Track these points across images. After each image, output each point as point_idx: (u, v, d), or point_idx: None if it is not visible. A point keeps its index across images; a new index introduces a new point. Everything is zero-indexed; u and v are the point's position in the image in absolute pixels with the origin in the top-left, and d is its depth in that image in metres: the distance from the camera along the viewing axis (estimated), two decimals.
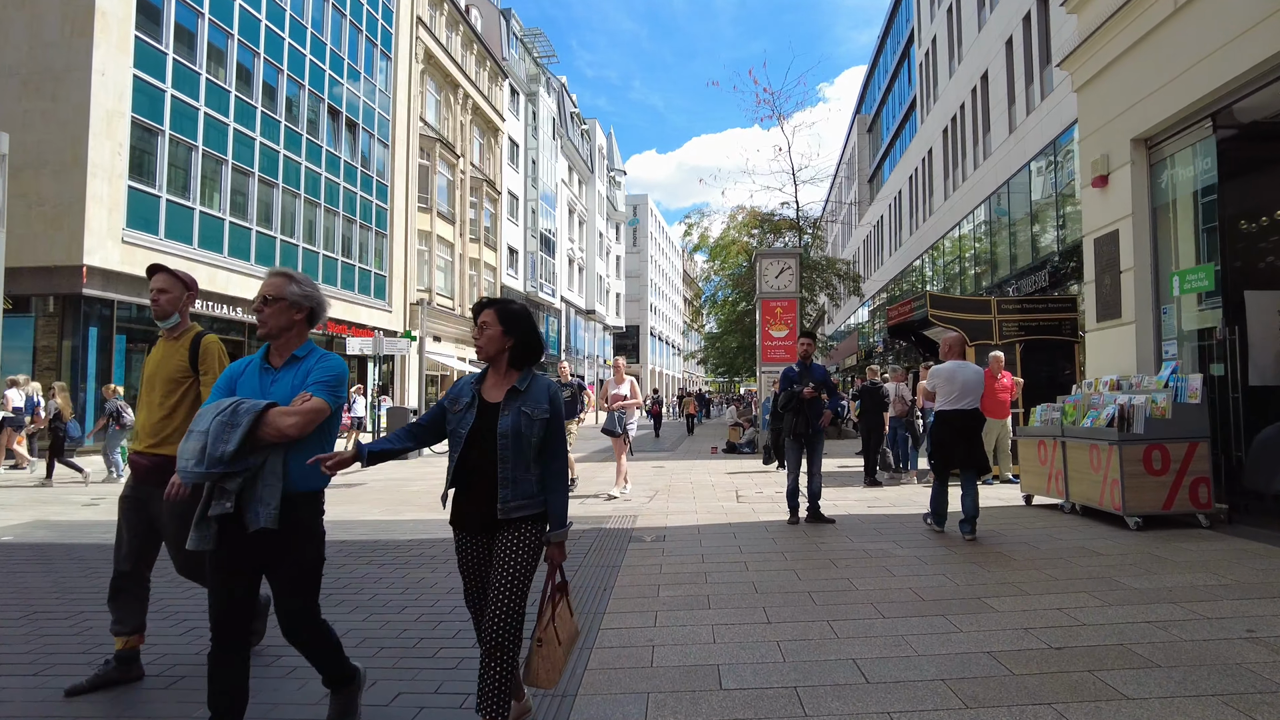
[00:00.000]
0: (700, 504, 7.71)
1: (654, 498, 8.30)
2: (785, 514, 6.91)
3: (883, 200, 38.40)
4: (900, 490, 8.66)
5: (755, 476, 10.57)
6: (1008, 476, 9.12)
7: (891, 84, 39.53)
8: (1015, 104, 20.56)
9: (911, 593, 3.98)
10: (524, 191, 40.74)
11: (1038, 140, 18.60)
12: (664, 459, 14.07)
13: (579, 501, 7.91)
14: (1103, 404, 6.01)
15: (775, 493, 8.51)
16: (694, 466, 12.25)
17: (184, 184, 17.12)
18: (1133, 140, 6.33)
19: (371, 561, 5.17)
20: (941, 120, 27.89)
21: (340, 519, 7.21)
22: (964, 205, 24.81)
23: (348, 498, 9.01)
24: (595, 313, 54.85)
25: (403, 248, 27.03)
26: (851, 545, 5.33)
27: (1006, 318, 9.70)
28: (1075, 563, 4.55)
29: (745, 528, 6.17)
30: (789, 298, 14.66)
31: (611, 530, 6.19)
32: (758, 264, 14.89)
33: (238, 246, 18.75)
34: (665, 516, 6.87)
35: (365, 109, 24.98)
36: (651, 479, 10.43)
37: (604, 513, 7.22)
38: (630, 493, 8.63)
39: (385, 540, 5.97)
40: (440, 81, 30.88)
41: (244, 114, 19.06)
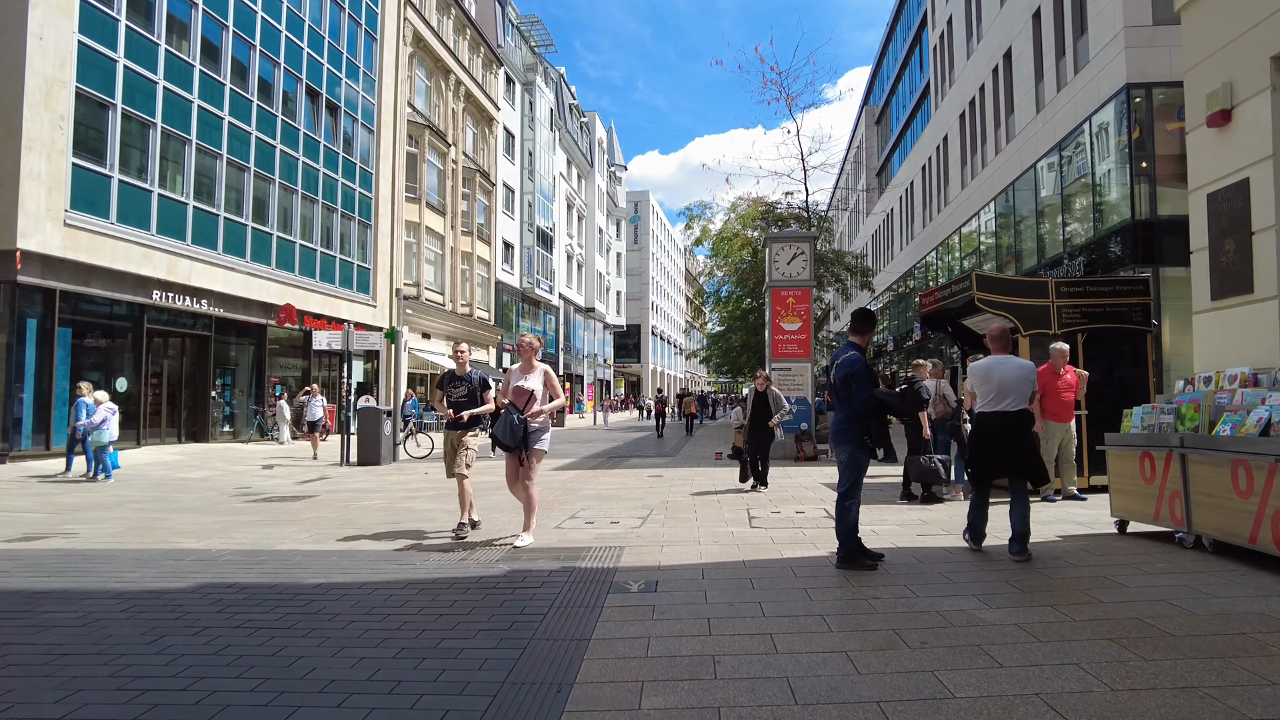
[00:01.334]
0: (704, 529, 6.22)
1: (647, 519, 6.81)
2: (812, 546, 5.41)
3: (893, 192, 36.88)
4: (949, 510, 7.16)
5: (769, 491, 9.08)
6: (1072, 491, 7.63)
7: (902, 72, 38.02)
8: (1043, 81, 19.05)
9: (1044, 706, 2.50)
10: (520, 184, 39.30)
11: (1070, 118, 17.09)
12: (662, 466, 12.59)
13: (540, 536, 6.43)
14: (1241, 405, 4.51)
15: (796, 513, 7.02)
16: (696, 476, 10.76)
17: (140, 164, 15.68)
18: (1275, 58, 4.82)
19: (243, 623, 3.69)
20: (958, 105, 26.38)
21: (250, 547, 5.75)
22: (985, 192, 23.29)
23: (284, 515, 7.55)
24: (595, 311, 53.38)
25: (389, 239, 25.59)
26: (917, 602, 3.84)
27: (1067, 302, 8.21)
28: (1275, 646, 3.06)
29: (765, 569, 4.69)
30: (802, 286, 13.17)
31: (587, 571, 4.71)
32: (767, 249, 13.41)
33: (203, 233, 17.31)
34: (660, 549, 5.38)
35: (348, 91, 23.54)
36: (646, 492, 8.95)
37: (581, 542, 5.74)
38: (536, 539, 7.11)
39: (283, 585, 4.51)
40: (430, 66, 29.44)
41: (211, 91, 17.62)
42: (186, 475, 12.17)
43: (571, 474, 11.38)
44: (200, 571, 4.94)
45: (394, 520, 7.06)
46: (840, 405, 4.81)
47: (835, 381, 4.80)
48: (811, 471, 11.05)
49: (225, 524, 7.02)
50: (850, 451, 4.80)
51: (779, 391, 9.14)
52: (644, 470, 11.78)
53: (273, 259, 19.82)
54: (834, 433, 4.83)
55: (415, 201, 27.30)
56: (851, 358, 4.84)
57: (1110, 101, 15.26)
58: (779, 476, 10.34)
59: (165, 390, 17.20)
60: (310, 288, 21.20)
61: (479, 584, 4.47)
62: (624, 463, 13.38)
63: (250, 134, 19.00)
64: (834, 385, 4.81)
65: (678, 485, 9.55)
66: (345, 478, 11.64)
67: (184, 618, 3.81)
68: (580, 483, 10.10)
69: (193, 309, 17.03)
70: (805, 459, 12.54)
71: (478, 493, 6.91)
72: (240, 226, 18.66)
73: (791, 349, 13.07)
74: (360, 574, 4.74)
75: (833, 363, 4.88)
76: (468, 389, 6.22)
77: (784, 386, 13.01)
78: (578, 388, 48.08)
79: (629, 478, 10.66)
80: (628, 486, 9.48)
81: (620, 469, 12.18)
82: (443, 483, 10.12)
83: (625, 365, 68.70)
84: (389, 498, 8.89)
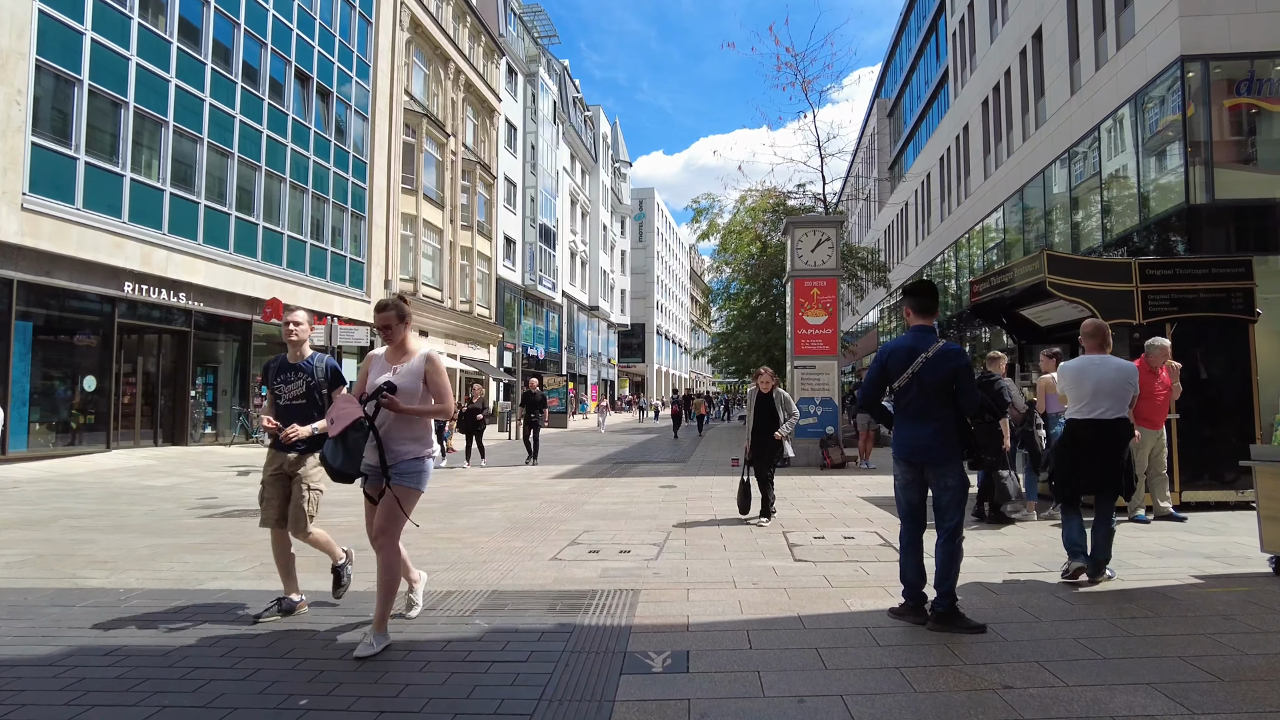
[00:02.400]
0: (737, 561, 5.03)
1: (665, 546, 5.63)
2: (882, 592, 4.22)
3: (908, 186, 35.61)
4: (1028, 535, 5.96)
5: (801, 506, 7.89)
6: (1166, 509, 6.43)
7: (916, 62, 36.74)
8: (1079, 60, 17.80)
9: None
10: (522, 178, 38.15)
11: (1111, 97, 15.84)
12: (674, 474, 11.40)
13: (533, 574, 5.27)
14: None
15: (844, 538, 5.82)
16: (713, 487, 9.57)
17: (110, 146, 14.55)
18: None
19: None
20: (980, 92, 25.13)
21: (170, 585, 4.59)
22: (1012, 181, 22.03)
23: (235, 536, 6.39)
24: (599, 309, 52.19)
25: (384, 232, 24.46)
26: (1074, 700, 2.64)
27: (1154, 287, 7.00)
28: None
29: (833, 632, 3.49)
30: (827, 276, 11.98)
31: (591, 631, 3.53)
32: (789, 235, 12.21)
33: (181, 222, 16.18)
34: (685, 596, 4.19)
35: (340, 76, 22.41)
36: (660, 508, 7.76)
37: (584, 581, 4.56)
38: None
39: (177, 651, 3.36)
40: (429, 54, 28.31)
41: (190, 71, 16.50)
42: (151, 483, 11.04)
43: (573, 484, 10.21)
44: (82, 625, 3.78)
45: (357, 547, 5.88)
46: (932, 410, 3.62)
47: (932, 379, 3.60)
48: (843, 481, 9.85)
49: (159, 549, 5.87)
50: (960, 473, 3.61)
51: (786, 393, 7.24)
52: (654, 479, 10.60)
53: (258, 251, 18.69)
54: (927, 449, 3.61)
55: (412, 193, 26.17)
56: (957, 348, 3.67)
57: (1160, 78, 14.03)
58: (807, 488, 9.14)
59: (140, 390, 16.08)
60: (299, 282, 20.08)
61: (445, 654, 3.30)
62: (631, 469, 12.21)
63: (234, 118, 17.88)
64: (923, 384, 3.61)
65: (695, 499, 8.36)
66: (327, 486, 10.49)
67: (13, 714, 2.66)
68: (583, 495, 8.92)
69: (170, 303, 15.91)
70: (833, 466, 11.35)
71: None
72: (223, 216, 17.53)
73: (816, 345, 11.87)
74: (289, 637, 3.56)
75: (912, 353, 3.66)
76: (305, 386, 3.99)
77: (808, 386, 11.82)
78: (581, 388, 46.93)
79: (638, 489, 9.48)
80: (638, 501, 8.30)
81: (628, 477, 11.00)
82: (426, 496, 8.96)
83: (630, 365, 67.51)
84: (360, 514, 7.71)
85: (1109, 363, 4.42)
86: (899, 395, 3.67)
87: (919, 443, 3.61)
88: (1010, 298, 8.28)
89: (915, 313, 3.83)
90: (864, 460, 11.70)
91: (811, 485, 9.41)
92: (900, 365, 3.67)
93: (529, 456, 13.53)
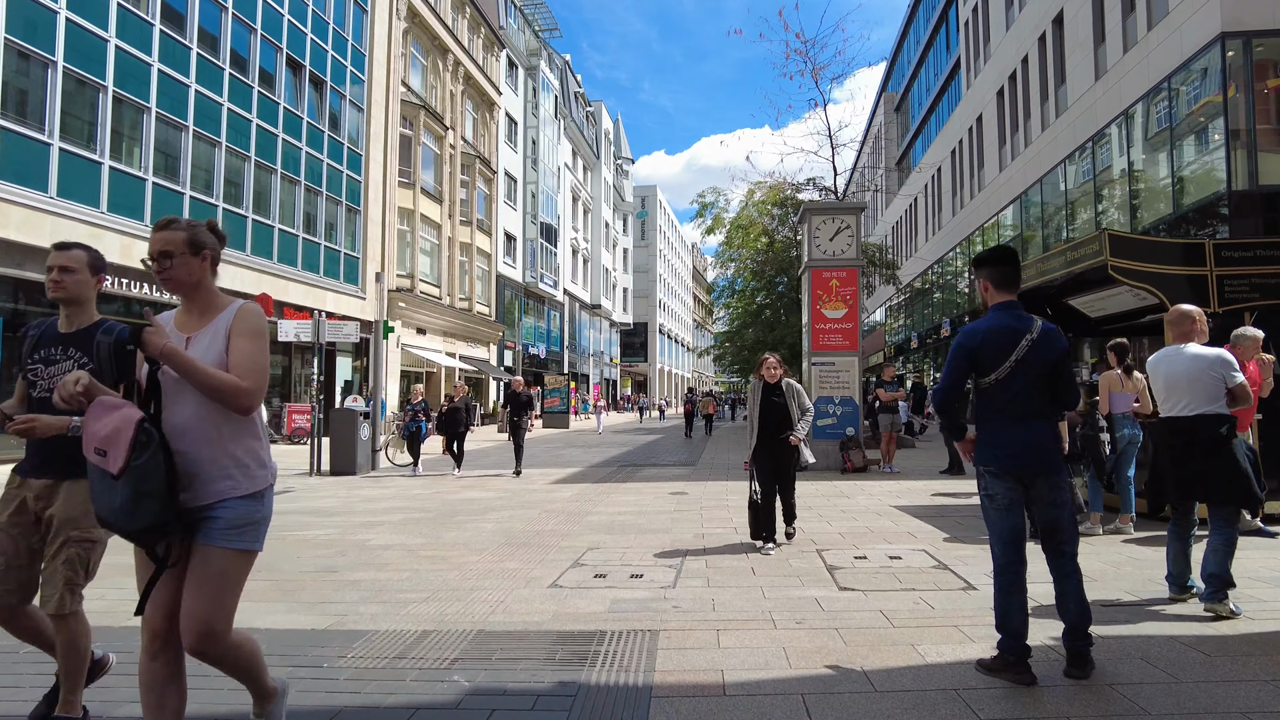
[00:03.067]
0: (772, 590, 4.25)
1: (683, 569, 4.85)
2: (958, 635, 3.45)
3: (917, 180, 34.78)
4: (1099, 551, 5.16)
5: (830, 517, 7.13)
6: (1255, 525, 5.66)
7: (925, 54, 35.92)
8: (1104, 44, 17.00)
9: None
10: (523, 173, 37.39)
11: (1141, 81, 15.04)
12: (684, 478, 10.63)
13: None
14: None
15: (890, 558, 5.04)
16: (728, 494, 8.80)
17: (87, 133, 13.82)
18: None
19: None
20: (995, 81, 24.33)
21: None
22: (1030, 173, 21.22)
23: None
24: (601, 308, 51.42)
25: (380, 226, 23.70)
26: None
27: (1231, 271, 6.22)
28: None
29: (908, 691, 2.73)
30: (847, 266, 11.19)
31: (599, 693, 2.77)
32: (806, 222, 11.42)
33: (165, 214, 15.37)
34: (715, 639, 3.41)
35: (335, 65, 21.66)
36: (673, 519, 6.99)
37: (590, 617, 3.80)
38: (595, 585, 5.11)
39: None
40: (427, 44, 27.56)
41: (174, 56, 15.76)
42: None
43: (575, 490, 9.44)
44: None
45: (328, 566, 5.13)
46: (1041, 406, 2.89)
47: (1040, 367, 2.85)
48: (869, 487, 9.07)
49: None
50: (1064, 484, 2.87)
51: (798, 384, 5.67)
52: (663, 485, 9.82)
53: (247, 244, 17.95)
54: (1041, 455, 2.85)
55: (409, 187, 25.42)
56: (1055, 327, 2.93)
57: (1197, 57, 13.23)
58: (832, 495, 8.37)
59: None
60: (290, 276, 19.33)
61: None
62: (638, 473, 11.44)
63: (221, 105, 17.14)
64: (1031, 374, 2.84)
65: (710, 509, 7.58)
66: (307, 492, 9.74)
67: None
68: (587, 503, 8.15)
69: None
70: (854, 470, 10.57)
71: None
72: (209, 208, 16.78)
73: (835, 340, 11.09)
74: (194, 705, 2.79)
75: (1014, 336, 2.88)
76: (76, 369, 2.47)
77: (827, 385, 11.04)
78: (584, 387, 46.15)
79: (647, 496, 8.70)
80: (647, 510, 7.53)
81: (634, 482, 10.23)
82: (415, 504, 8.20)
83: (632, 364, 66.74)
84: (342, 525, 6.96)
85: (1182, 353, 3.87)
86: (996, 390, 2.89)
87: (1030, 448, 2.85)
88: (1057, 285, 7.49)
89: (996, 286, 3.05)
90: (887, 464, 10.92)
91: (835, 492, 8.63)
92: (999, 352, 2.88)
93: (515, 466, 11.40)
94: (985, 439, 2.94)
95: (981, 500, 2.99)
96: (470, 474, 11.48)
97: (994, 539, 2.94)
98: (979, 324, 2.99)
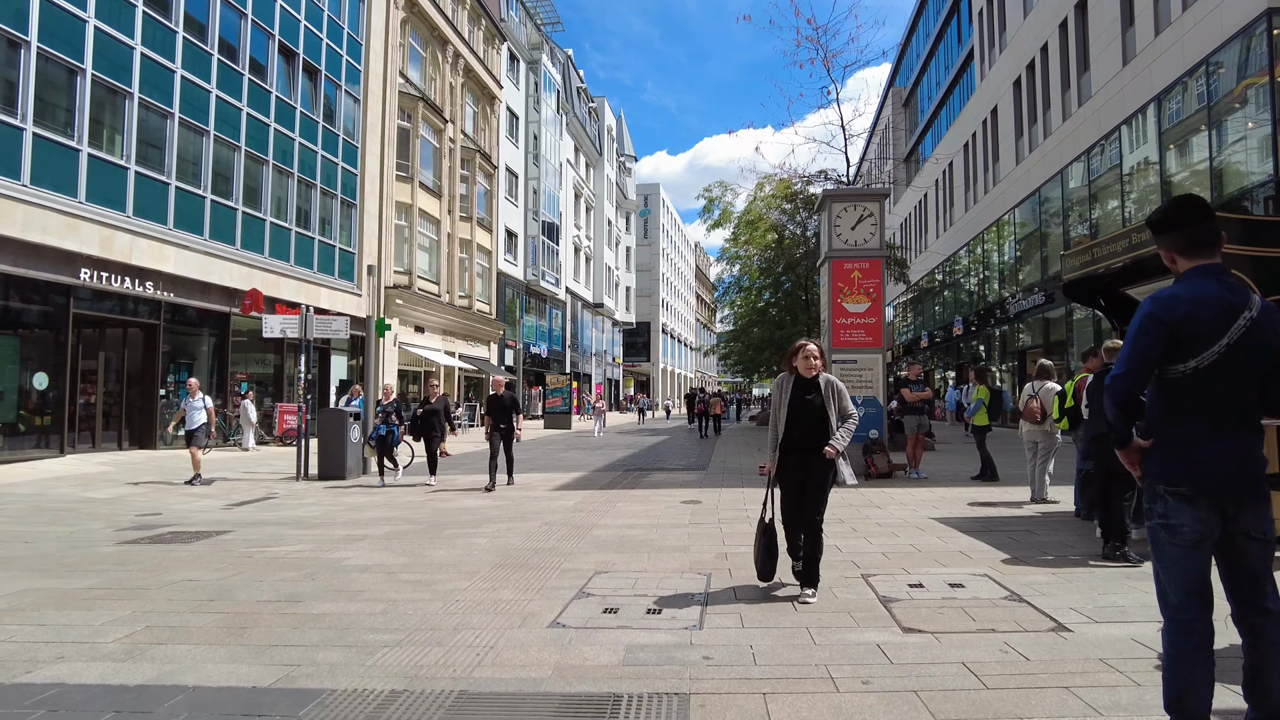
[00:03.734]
0: (823, 636, 3.48)
1: (709, 603, 4.10)
2: (1062, 699, 2.69)
3: (928, 175, 33.99)
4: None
5: (865, 531, 6.38)
6: None
7: (935, 47, 35.12)
8: (1133, 26, 16.22)
9: None
10: (524, 169, 36.66)
11: (1176, 63, 14.25)
12: (695, 485, 9.88)
13: None
14: None
15: (949, 585, 4.28)
16: (747, 503, 8.05)
17: (64, 119, 13.10)
18: None
19: None
20: (1012, 71, 23.54)
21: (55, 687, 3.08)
22: (1049, 165, 20.44)
23: (137, 577, 4.89)
24: (603, 307, 50.68)
25: (376, 221, 22.97)
26: None
27: None
28: None
29: None
30: (871, 257, 10.43)
31: None
32: (826, 210, 10.66)
33: (148, 205, 14.72)
34: (763, 710, 2.66)
35: (329, 54, 20.94)
36: (690, 534, 6.25)
37: (599, 673, 3.08)
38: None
39: None
40: (426, 35, 26.84)
41: (158, 39, 15.04)
42: (93, 494, 9.57)
43: (579, 497, 8.70)
44: None
45: (291, 595, 4.39)
46: (1252, 408, 2.15)
47: (1263, 354, 2.08)
48: (899, 495, 8.32)
49: (28, 596, 4.37)
50: (1271, 517, 2.11)
51: (840, 382, 4.36)
52: (674, 492, 9.08)
53: (237, 238, 17.24)
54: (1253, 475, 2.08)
55: (407, 181, 24.70)
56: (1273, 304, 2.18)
57: (1240, 36, 12.46)
58: (861, 505, 7.61)
59: (101, 389, 14.63)
60: (282, 272, 18.62)
61: None
62: (645, 479, 10.69)
63: (209, 92, 16.42)
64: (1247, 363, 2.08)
65: (730, 521, 6.83)
66: (290, 499, 9.01)
67: None
68: (591, 514, 7.41)
69: (136, 292, 14.44)
70: (879, 475, 9.82)
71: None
72: (197, 199, 16.07)
73: (857, 336, 10.33)
74: None
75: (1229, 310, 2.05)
76: None
77: (849, 384, 10.24)
78: (585, 387, 45.40)
79: (657, 505, 7.96)
80: (659, 523, 6.78)
81: (642, 489, 9.49)
82: (404, 514, 7.46)
83: (635, 364, 65.98)
84: (319, 539, 6.22)
85: None
86: (1194, 383, 2.11)
87: (1239, 465, 2.08)
88: (1115, 272, 6.73)
89: (1192, 248, 2.19)
90: (913, 469, 10.16)
91: (864, 501, 7.88)
92: (1208, 331, 2.09)
93: (493, 477, 9.51)
94: (1172, 448, 2.15)
95: (1154, 531, 2.19)
96: (469, 479, 10.73)
97: (1171, 584, 2.15)
98: (1178, 290, 2.16)
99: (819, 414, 4.17)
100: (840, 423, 4.18)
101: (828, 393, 4.22)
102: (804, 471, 4.15)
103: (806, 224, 26.67)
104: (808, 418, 4.17)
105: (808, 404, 4.19)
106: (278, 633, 3.65)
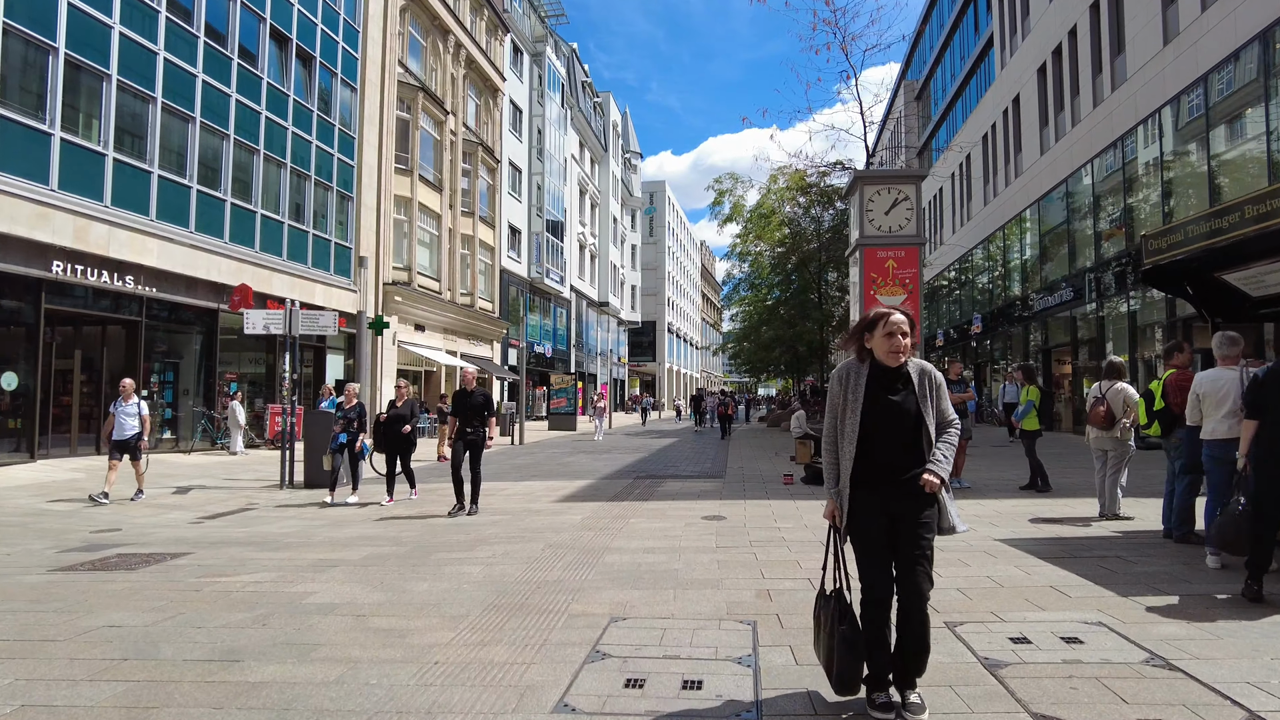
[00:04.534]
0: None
1: (760, 672, 3.17)
2: None
3: (943, 169, 32.95)
4: None
5: (958, 566, 5.40)
6: None
7: (950, 36, 34.09)
8: (1176, 3, 15.21)
9: None
10: (528, 164, 35.77)
11: (1229, 36, 13.24)
12: (715, 496, 8.95)
13: None
14: None
15: (1064, 640, 3.34)
16: (778, 519, 7.12)
17: (34, 102, 12.25)
18: None
19: None
20: (1037, 57, 22.52)
21: None
22: (1079, 154, 19.43)
23: (58, 619, 3.99)
24: (609, 305, 49.76)
25: (374, 214, 22.11)
26: None
27: None
28: None
29: None
30: (908, 244, 9.49)
31: None
32: (858, 192, 9.71)
33: (129, 195, 13.87)
34: None
35: (325, 40, 20.07)
36: (719, 561, 5.33)
37: None
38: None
39: None
40: (426, 24, 25.97)
41: (139, 20, 14.19)
42: (51, 506, 8.71)
43: (587, 511, 7.78)
44: None
45: (229, 651, 3.48)
46: None
47: None
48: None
49: None
50: None
51: (939, 372, 2.90)
52: (692, 505, 8.15)
53: (226, 231, 16.38)
54: None
55: (407, 174, 23.82)
56: None
57: None
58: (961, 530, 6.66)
59: (77, 389, 13.77)
60: (274, 266, 17.75)
61: None
62: (658, 488, 9.77)
63: (195, 77, 15.56)
64: None
65: (763, 544, 5.89)
66: (267, 511, 8.13)
67: None
68: (602, 533, 6.48)
69: (115, 287, 13.59)
70: None
71: None
72: (182, 189, 15.22)
73: None
74: None
75: None
76: None
77: None
78: (591, 387, 44.50)
79: (676, 521, 7.03)
80: (681, 546, 5.86)
81: (656, 501, 8.56)
82: (389, 532, 6.53)
83: (640, 364, 65.05)
84: (285, 565, 5.32)
85: None
86: None
87: None
88: (1207, 255, 5.79)
89: None
90: (955, 478, 9.20)
91: None
92: None
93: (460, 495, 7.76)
94: None
95: None
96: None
97: None
98: None
99: (911, 422, 2.69)
100: (938, 434, 2.73)
101: (923, 388, 2.73)
102: (889, 515, 2.69)
103: (821, 218, 25.72)
104: (893, 428, 2.68)
105: (892, 407, 2.69)
106: (194, 716, 2.74)
